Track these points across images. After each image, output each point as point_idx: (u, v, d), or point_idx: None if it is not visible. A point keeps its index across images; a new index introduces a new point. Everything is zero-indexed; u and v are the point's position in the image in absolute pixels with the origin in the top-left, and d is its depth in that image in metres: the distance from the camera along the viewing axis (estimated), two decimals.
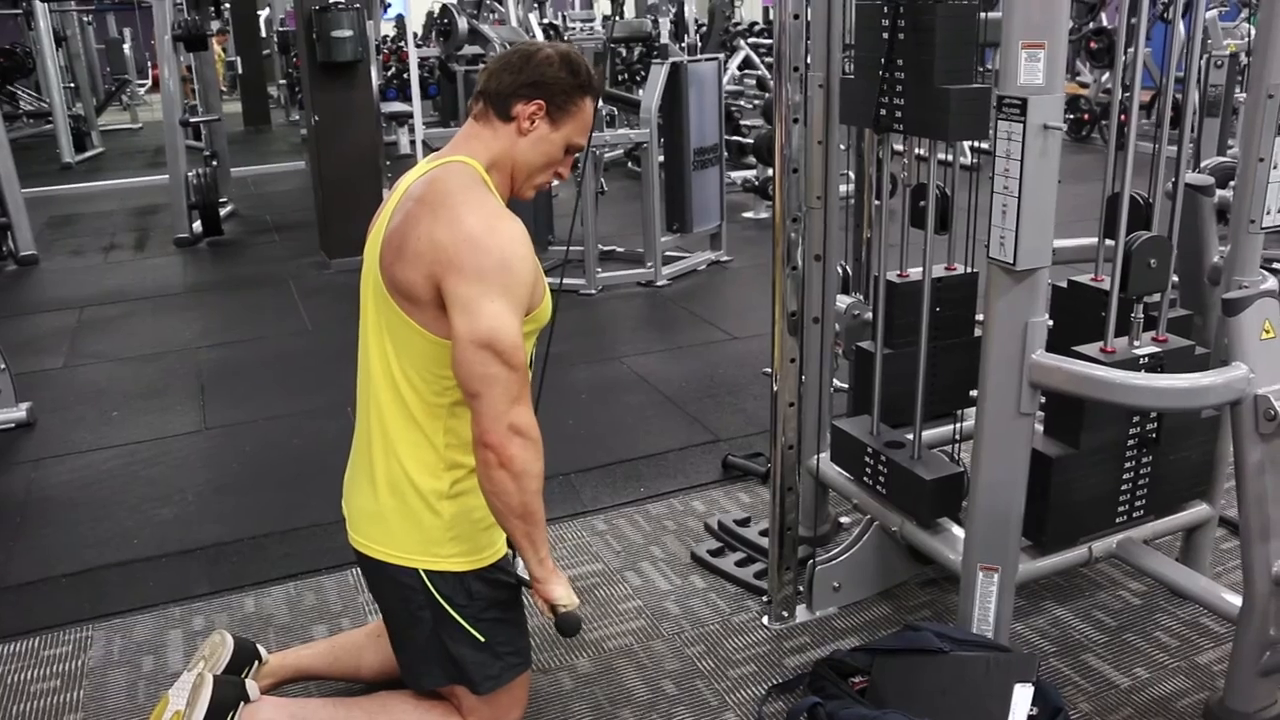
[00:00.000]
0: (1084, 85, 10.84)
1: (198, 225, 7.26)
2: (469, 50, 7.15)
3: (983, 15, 2.22)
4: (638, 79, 9.10)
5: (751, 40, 10.74)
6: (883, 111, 2.31)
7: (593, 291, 5.73)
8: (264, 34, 15.02)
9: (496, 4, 8.23)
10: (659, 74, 5.81)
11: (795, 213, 2.37)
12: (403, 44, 10.61)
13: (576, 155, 2.07)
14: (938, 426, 2.71)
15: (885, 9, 2.24)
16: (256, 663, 2.28)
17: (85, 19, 14.44)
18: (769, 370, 2.49)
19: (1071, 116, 9.79)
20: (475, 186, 1.89)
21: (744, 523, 3.08)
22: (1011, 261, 2.00)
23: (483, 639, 2.02)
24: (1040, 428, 2.36)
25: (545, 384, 2.25)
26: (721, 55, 7.13)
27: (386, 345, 1.94)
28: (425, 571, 1.98)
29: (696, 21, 9.96)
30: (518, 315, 1.84)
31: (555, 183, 2.15)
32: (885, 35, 2.24)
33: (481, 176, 1.92)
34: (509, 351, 1.81)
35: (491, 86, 1.96)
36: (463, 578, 1.99)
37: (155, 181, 9.04)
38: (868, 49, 2.35)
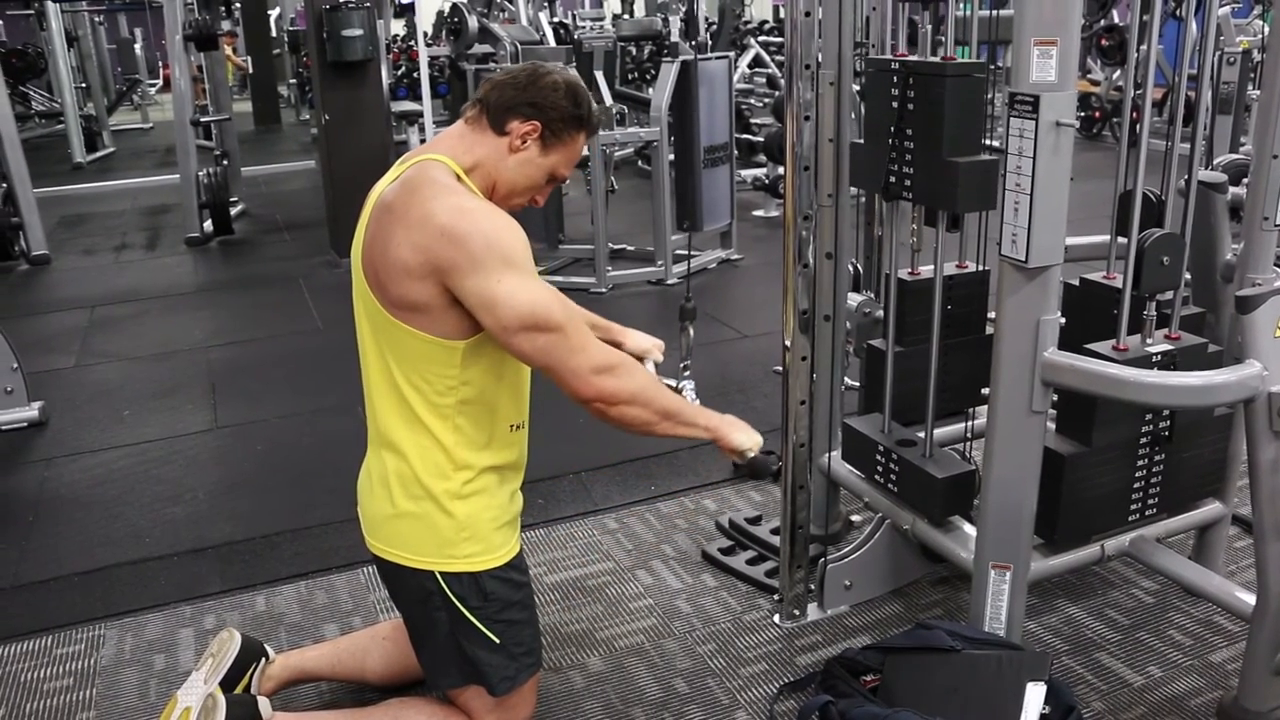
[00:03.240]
0: (1095, 82, 10.80)
1: (209, 224, 7.29)
2: (479, 49, 7.15)
3: (995, 12, 2.22)
4: (648, 77, 9.09)
5: (761, 38, 10.74)
6: (892, 179, 2.34)
7: (603, 290, 5.74)
8: (274, 33, 15.06)
9: (507, 3, 8.23)
10: (669, 72, 5.81)
11: (806, 211, 2.37)
12: (413, 43, 10.62)
13: (557, 185, 2.06)
14: (949, 424, 2.70)
15: (894, 78, 2.25)
16: (264, 660, 2.29)
17: (97, 19, 14.52)
18: (780, 368, 2.49)
19: (1083, 114, 9.76)
20: (443, 180, 1.86)
21: (755, 521, 3.08)
22: (1023, 259, 1.99)
23: (497, 640, 2.02)
24: (1052, 425, 2.36)
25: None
26: (732, 53, 7.12)
27: (385, 352, 1.92)
28: (440, 573, 1.98)
29: (707, 20, 9.96)
30: (529, 277, 1.82)
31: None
32: (894, 104, 2.26)
33: (455, 172, 1.90)
34: (544, 318, 1.81)
35: (492, 97, 1.94)
36: (478, 578, 1.99)
37: (166, 181, 9.08)
38: (877, 115, 2.37)
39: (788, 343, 2.45)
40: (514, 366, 2.01)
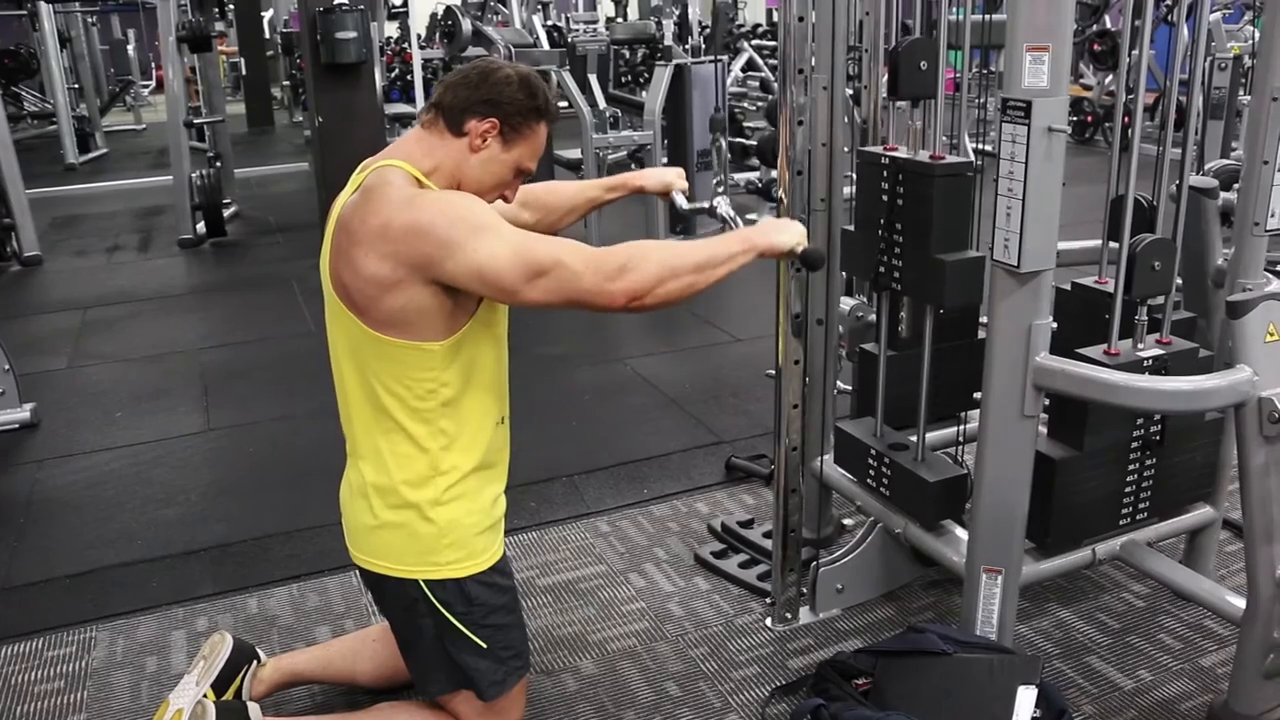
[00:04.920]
0: (1087, 87, 10.84)
1: (201, 226, 7.27)
2: (473, 52, 7.15)
3: (987, 17, 2.23)
4: (641, 81, 9.10)
5: (755, 42, 10.74)
6: (881, 270, 2.38)
7: None
8: (268, 35, 15.02)
9: (500, 6, 8.24)
10: (663, 76, 5.82)
11: (799, 215, 2.37)
12: (406, 45, 10.62)
13: (525, 178, 2.04)
14: (941, 429, 2.71)
15: (885, 173, 2.27)
16: (255, 663, 2.29)
17: (89, 20, 14.46)
18: (772, 372, 2.50)
19: (1075, 119, 9.78)
20: (397, 184, 1.84)
21: (747, 524, 3.08)
22: (1015, 264, 2.00)
23: (484, 645, 2.02)
24: (1044, 430, 2.36)
25: (549, 385, 2.24)
26: (725, 57, 7.13)
27: (362, 365, 1.91)
28: (424, 581, 1.97)
29: (700, 23, 9.97)
30: (501, 232, 1.79)
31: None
32: (885, 198, 2.31)
33: (415, 177, 1.88)
34: (535, 261, 1.77)
35: (446, 99, 1.92)
36: (462, 583, 1.99)
37: (159, 182, 9.04)
38: (868, 206, 2.41)
39: (780, 346, 2.45)
40: (492, 360, 2.00)
